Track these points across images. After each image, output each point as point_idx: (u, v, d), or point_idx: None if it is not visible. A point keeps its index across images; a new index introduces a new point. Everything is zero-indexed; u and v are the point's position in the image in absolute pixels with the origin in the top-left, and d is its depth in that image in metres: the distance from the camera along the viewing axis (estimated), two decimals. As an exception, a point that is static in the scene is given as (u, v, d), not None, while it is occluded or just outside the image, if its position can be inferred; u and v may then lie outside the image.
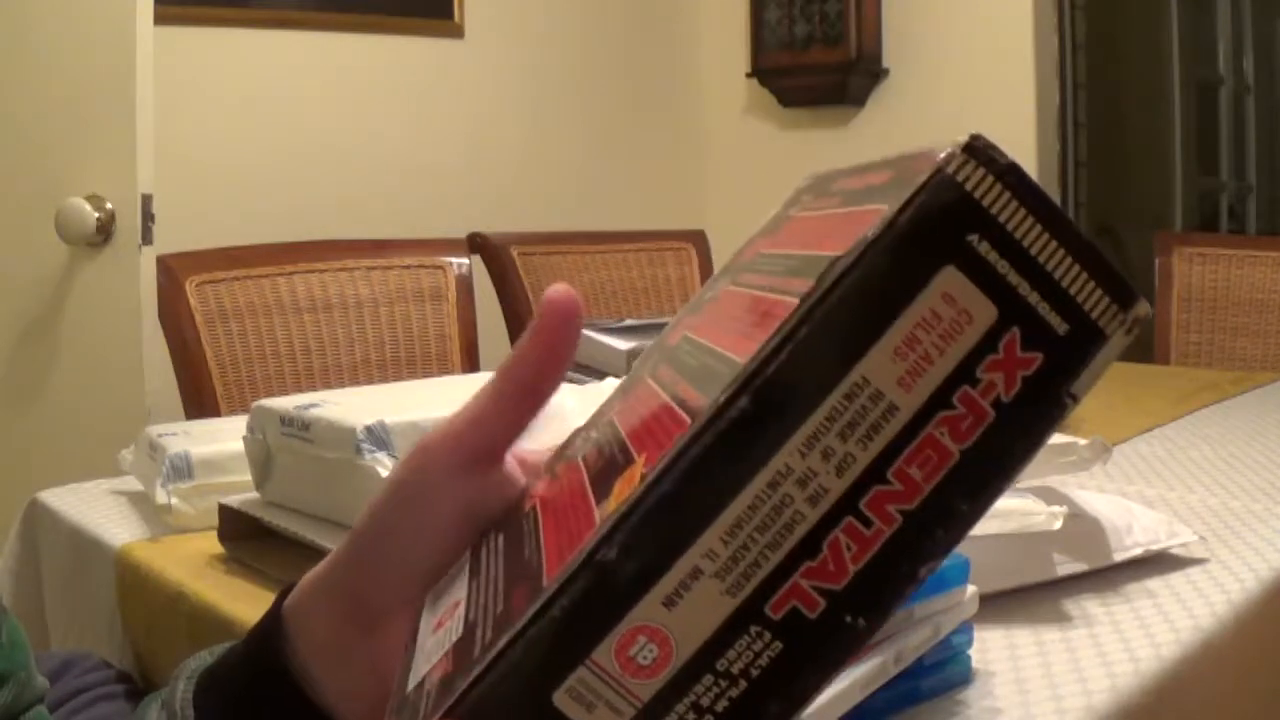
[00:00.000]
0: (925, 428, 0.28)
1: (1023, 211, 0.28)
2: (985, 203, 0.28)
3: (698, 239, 2.36)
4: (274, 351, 1.79)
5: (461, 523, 0.43)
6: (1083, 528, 0.84)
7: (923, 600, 0.65)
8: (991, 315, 0.28)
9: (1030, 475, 0.89)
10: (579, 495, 0.34)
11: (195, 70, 2.40)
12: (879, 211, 0.28)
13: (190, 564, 0.98)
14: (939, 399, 0.28)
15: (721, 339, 0.33)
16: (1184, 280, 2.18)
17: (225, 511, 0.98)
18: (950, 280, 0.28)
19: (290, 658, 0.45)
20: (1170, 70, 3.60)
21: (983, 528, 0.82)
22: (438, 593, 0.41)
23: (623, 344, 1.40)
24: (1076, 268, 0.28)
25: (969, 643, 0.69)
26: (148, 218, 1.75)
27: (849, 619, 0.28)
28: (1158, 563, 0.87)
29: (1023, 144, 2.81)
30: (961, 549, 0.74)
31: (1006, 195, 0.28)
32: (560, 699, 0.27)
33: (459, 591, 0.38)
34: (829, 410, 0.27)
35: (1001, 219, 0.28)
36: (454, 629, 0.34)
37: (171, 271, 1.73)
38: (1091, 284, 0.28)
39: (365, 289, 1.89)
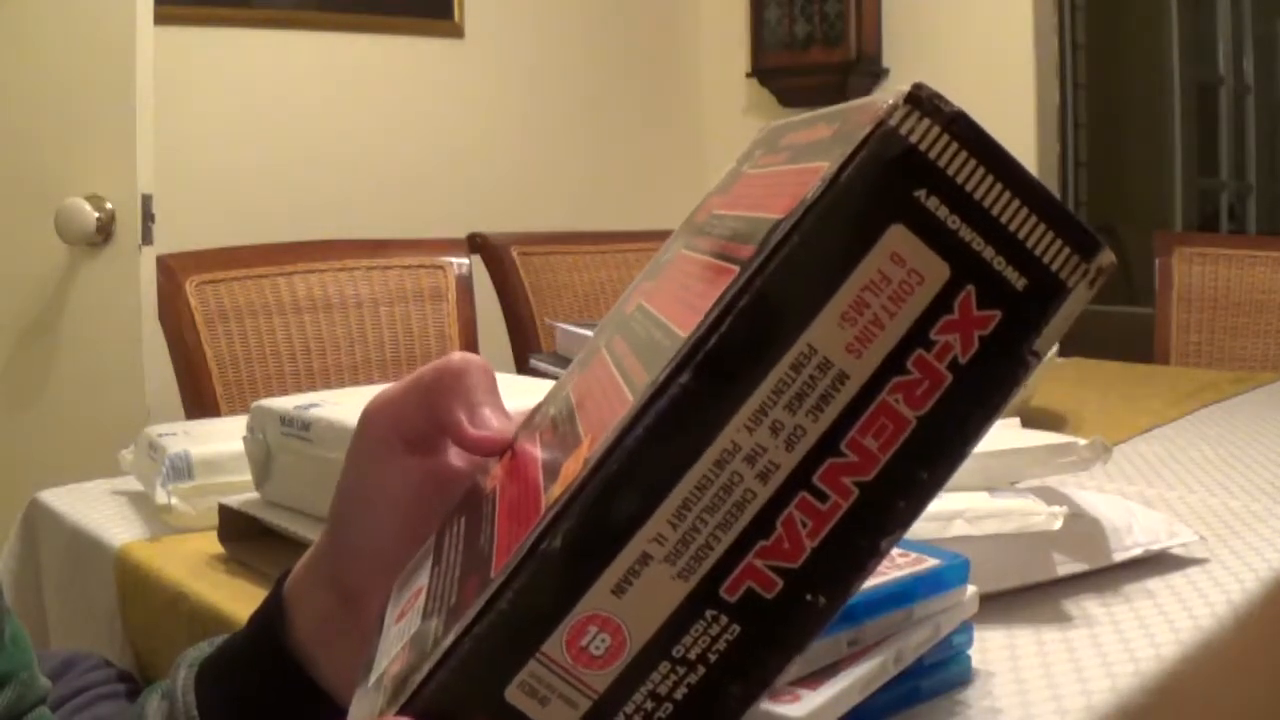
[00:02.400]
0: (878, 395, 0.26)
1: (973, 162, 0.26)
2: (931, 155, 0.26)
3: (698, 239, 2.35)
4: (274, 351, 1.79)
5: (415, 500, 0.43)
6: (1083, 528, 0.84)
7: (923, 600, 0.65)
8: (944, 274, 0.26)
9: (1030, 475, 0.89)
10: (531, 479, 0.32)
11: (195, 70, 2.40)
12: (820, 169, 0.27)
13: (190, 564, 0.98)
14: (892, 364, 0.26)
15: (670, 310, 0.31)
16: (1184, 280, 2.17)
17: (225, 511, 0.98)
18: (898, 239, 0.26)
19: (290, 638, 0.46)
20: (1170, 70, 3.60)
21: (983, 528, 0.83)
22: (404, 580, 0.40)
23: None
24: (1033, 218, 0.27)
25: (969, 643, 0.69)
26: (148, 218, 1.75)
27: (809, 597, 0.27)
28: (1158, 563, 0.87)
29: (1023, 144, 2.80)
30: (961, 549, 0.75)
31: (954, 146, 0.26)
32: (512, 694, 0.27)
33: (422, 579, 0.37)
34: (775, 382, 0.26)
35: (950, 171, 0.26)
36: (413, 620, 0.34)
37: (171, 271, 1.73)
38: (1050, 234, 0.27)
39: (365, 289, 1.89)
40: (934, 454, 0.27)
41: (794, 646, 0.27)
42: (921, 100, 0.26)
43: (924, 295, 0.26)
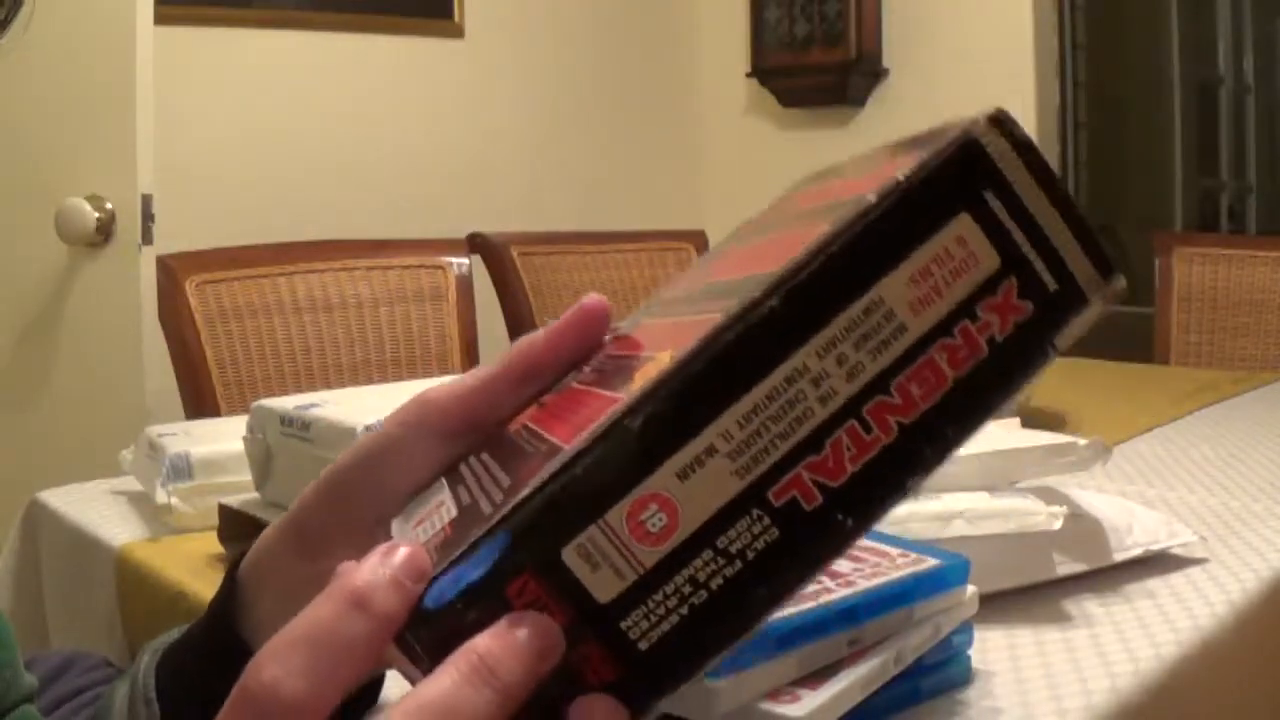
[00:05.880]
0: (927, 351, 0.31)
1: (1031, 180, 0.31)
2: (1001, 166, 0.31)
3: (698, 239, 2.35)
4: (274, 351, 1.79)
5: (429, 481, 0.43)
6: (1083, 528, 0.84)
7: (923, 600, 0.65)
8: (995, 263, 0.31)
9: (1030, 475, 0.89)
10: (587, 395, 0.35)
11: (195, 70, 2.40)
12: (913, 158, 0.32)
13: (190, 564, 0.98)
14: (942, 327, 0.31)
15: (758, 267, 0.35)
16: (1184, 280, 2.17)
17: (225, 511, 0.98)
18: (964, 225, 0.31)
19: (244, 625, 0.45)
20: (1170, 70, 3.60)
21: (982, 528, 0.83)
22: (408, 514, 0.41)
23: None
24: (1070, 237, 0.32)
25: (969, 643, 0.69)
26: (148, 218, 1.75)
27: (840, 516, 0.30)
28: (1158, 563, 0.87)
29: (1023, 144, 2.80)
30: (961, 549, 0.75)
31: (1019, 163, 0.31)
32: (569, 554, 0.29)
33: (437, 497, 0.38)
34: (848, 320, 0.30)
35: (1013, 182, 0.31)
36: (446, 512, 0.35)
37: (171, 271, 1.73)
38: (1081, 253, 0.32)
39: (365, 289, 1.89)
40: (961, 414, 0.31)
41: (817, 561, 0.31)
42: (1002, 122, 0.32)
43: (977, 276, 0.31)
